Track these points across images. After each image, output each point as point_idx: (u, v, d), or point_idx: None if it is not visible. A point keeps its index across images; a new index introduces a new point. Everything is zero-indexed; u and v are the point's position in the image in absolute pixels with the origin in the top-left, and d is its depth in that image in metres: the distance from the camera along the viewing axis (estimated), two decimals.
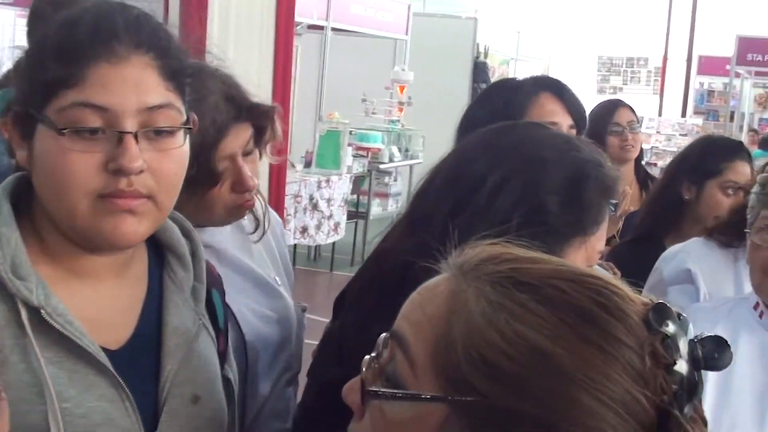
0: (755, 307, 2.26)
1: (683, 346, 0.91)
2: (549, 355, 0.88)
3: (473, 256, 0.97)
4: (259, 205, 2.08)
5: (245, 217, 2.06)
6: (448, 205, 1.56)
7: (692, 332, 0.93)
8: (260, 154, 2.00)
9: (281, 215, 5.97)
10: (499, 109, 2.34)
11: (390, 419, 0.93)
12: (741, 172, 3.25)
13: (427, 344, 0.92)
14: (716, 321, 2.26)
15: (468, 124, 2.40)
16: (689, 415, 0.90)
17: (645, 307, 0.93)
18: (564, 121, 2.58)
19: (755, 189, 2.26)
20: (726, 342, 0.93)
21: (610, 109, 4.43)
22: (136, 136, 1.25)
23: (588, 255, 1.55)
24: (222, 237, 2.05)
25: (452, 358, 0.90)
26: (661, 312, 0.92)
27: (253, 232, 2.13)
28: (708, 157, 3.31)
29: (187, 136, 1.33)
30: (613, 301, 0.92)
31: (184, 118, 1.32)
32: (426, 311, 0.94)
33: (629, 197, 4.21)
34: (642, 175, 4.44)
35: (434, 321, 0.93)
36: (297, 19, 9.07)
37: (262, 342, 2.07)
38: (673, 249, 2.97)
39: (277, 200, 5.71)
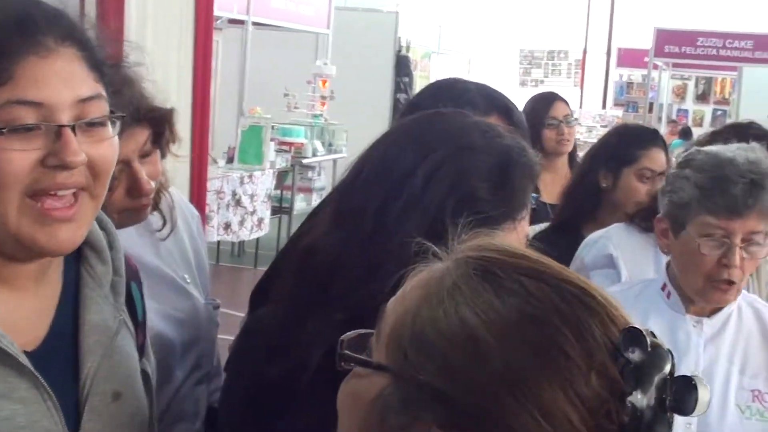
0: (663, 288, 2.34)
1: (649, 378, 0.86)
2: (483, 346, 0.87)
3: (466, 243, 0.98)
4: (166, 202, 2.04)
5: (153, 214, 2.03)
6: (378, 197, 1.54)
7: (669, 367, 0.88)
8: (163, 154, 1.97)
9: (203, 212, 5.91)
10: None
11: (354, 380, 0.98)
12: (656, 159, 3.31)
13: (394, 317, 0.95)
14: (626, 304, 2.29)
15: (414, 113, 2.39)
16: None
17: (620, 329, 0.90)
18: None
19: (690, 187, 2.22)
20: (695, 386, 0.87)
21: (546, 102, 4.48)
22: (74, 129, 1.22)
23: (518, 240, 1.57)
24: (125, 235, 2.01)
25: (402, 331, 0.92)
26: (629, 337, 0.88)
27: (161, 229, 2.10)
28: (624, 145, 3.37)
29: (117, 125, 1.31)
30: (578, 314, 0.90)
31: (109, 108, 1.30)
32: (407, 287, 0.97)
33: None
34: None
35: (407, 296, 0.95)
36: (217, 13, 8.97)
37: (165, 342, 2.04)
38: (594, 235, 3.02)
39: (198, 196, 5.64)
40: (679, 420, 2.20)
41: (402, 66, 14.12)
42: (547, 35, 22.50)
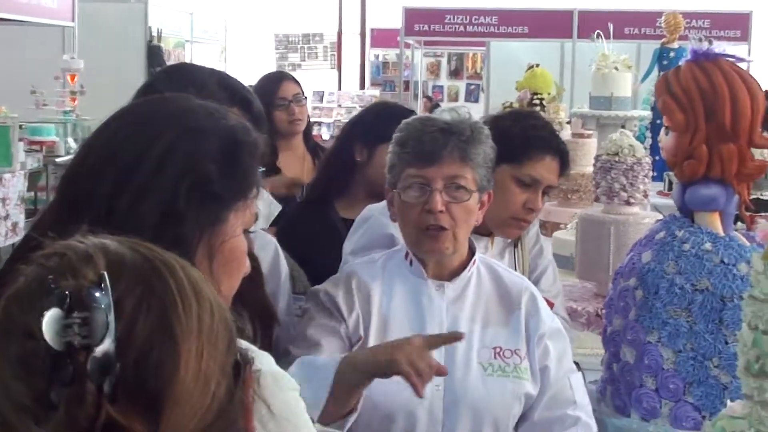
0: (406, 257, 2.42)
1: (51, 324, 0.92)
2: None
3: None
4: None
5: None
6: (108, 184, 1.53)
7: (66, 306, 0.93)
8: None
9: None
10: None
11: None
12: None
13: None
14: (375, 274, 2.42)
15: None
16: (61, 401, 0.91)
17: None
18: None
19: (394, 149, 2.38)
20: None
21: (273, 83, 4.45)
22: None
23: (248, 219, 1.60)
24: None
25: None
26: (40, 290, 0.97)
27: None
28: (381, 121, 3.41)
29: None
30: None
31: None
32: None
33: (305, 169, 4.22)
34: (312, 145, 4.51)
35: None
36: None
37: None
38: (365, 213, 2.97)
39: None
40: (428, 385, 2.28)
41: (154, 56, 13.83)
42: (301, 19, 22.54)
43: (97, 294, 0.94)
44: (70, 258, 0.99)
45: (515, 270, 2.90)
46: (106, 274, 0.97)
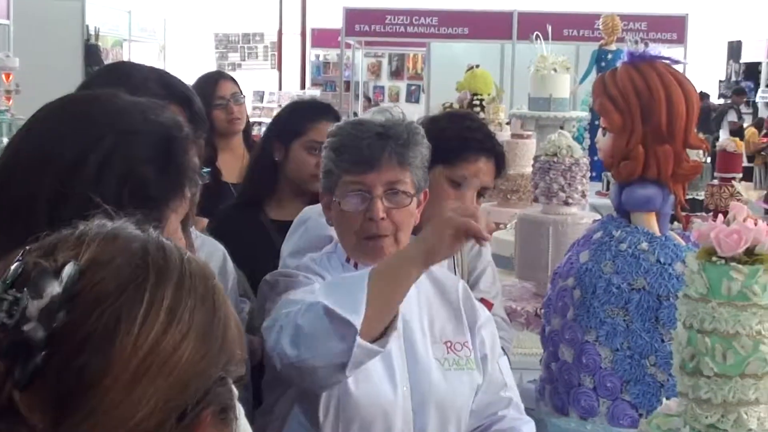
0: (348, 261, 2.38)
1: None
2: None
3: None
4: None
5: None
6: (48, 189, 1.49)
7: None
8: None
9: None
10: None
11: None
12: (324, 132, 3.34)
13: None
14: (326, 274, 2.37)
15: None
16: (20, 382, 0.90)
17: None
18: None
19: (328, 155, 2.34)
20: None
21: (211, 82, 4.44)
22: None
23: (185, 210, 1.60)
24: None
25: None
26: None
27: None
28: (293, 118, 3.43)
29: None
30: None
31: None
32: None
33: (244, 169, 4.20)
34: (251, 145, 4.49)
35: None
36: None
37: None
38: (302, 216, 2.92)
39: None
40: (397, 381, 2.26)
41: (92, 55, 13.67)
42: (241, 18, 22.40)
43: (47, 280, 0.92)
44: (66, 237, 0.98)
45: (454, 271, 2.90)
46: (71, 264, 0.94)
